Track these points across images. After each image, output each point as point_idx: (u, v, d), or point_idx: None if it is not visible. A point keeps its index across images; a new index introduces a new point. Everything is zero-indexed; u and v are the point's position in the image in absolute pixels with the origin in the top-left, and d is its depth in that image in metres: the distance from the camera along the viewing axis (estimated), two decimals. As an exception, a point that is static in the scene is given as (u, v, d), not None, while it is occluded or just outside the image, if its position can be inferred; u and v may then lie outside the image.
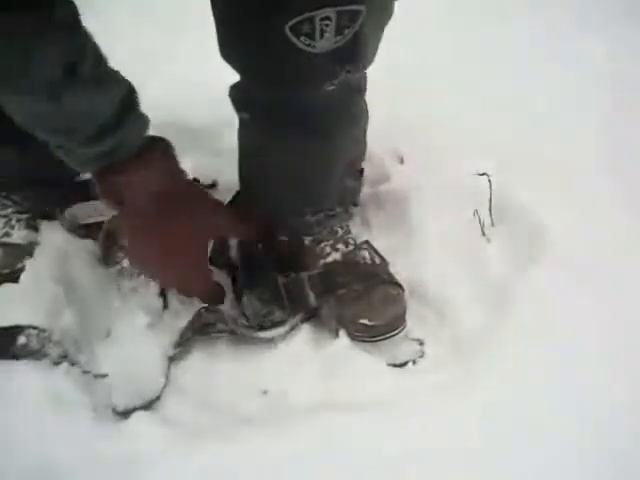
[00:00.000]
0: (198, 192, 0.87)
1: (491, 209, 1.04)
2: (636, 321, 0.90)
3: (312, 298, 0.93)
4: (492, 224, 1.05)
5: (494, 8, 1.48)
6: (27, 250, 1.01)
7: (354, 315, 0.91)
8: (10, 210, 1.03)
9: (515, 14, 1.49)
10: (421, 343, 0.94)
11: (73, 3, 0.67)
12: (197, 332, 0.90)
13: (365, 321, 0.91)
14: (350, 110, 0.91)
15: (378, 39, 0.82)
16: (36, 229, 1.04)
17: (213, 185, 1.15)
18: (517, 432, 0.80)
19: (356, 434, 0.80)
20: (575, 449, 0.79)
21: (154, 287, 0.96)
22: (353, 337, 0.92)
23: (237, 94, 0.90)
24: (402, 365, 0.91)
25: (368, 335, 0.91)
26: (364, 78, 0.90)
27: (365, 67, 0.85)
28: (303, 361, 0.91)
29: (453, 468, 0.77)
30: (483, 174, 1.02)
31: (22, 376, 0.86)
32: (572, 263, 0.97)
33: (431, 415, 0.82)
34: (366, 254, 0.97)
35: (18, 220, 1.02)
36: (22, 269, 0.97)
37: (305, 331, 0.94)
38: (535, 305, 0.93)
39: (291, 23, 0.72)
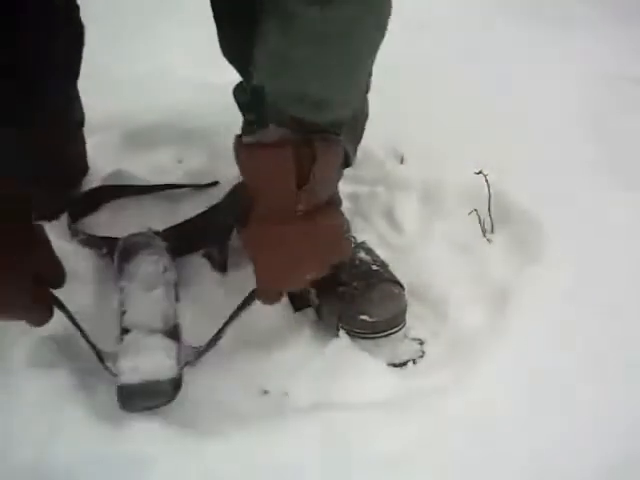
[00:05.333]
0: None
1: (490, 208, 1.04)
2: (637, 320, 0.90)
3: (313, 295, 0.94)
4: (492, 224, 1.05)
5: (494, 10, 1.48)
6: None
7: (355, 312, 0.91)
8: None
9: (515, 16, 1.49)
10: (421, 343, 0.94)
11: None
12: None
13: (366, 317, 0.91)
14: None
15: None
16: None
17: (214, 184, 1.15)
18: (517, 431, 0.80)
19: (356, 434, 0.80)
20: (576, 449, 0.79)
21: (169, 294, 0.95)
22: (353, 334, 0.92)
23: (242, 95, 0.91)
24: (402, 365, 0.91)
25: (368, 332, 0.91)
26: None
27: None
28: (303, 361, 0.91)
29: (453, 468, 0.78)
30: (479, 172, 1.02)
31: (22, 376, 0.86)
32: (572, 263, 0.97)
33: (431, 415, 0.82)
34: (367, 253, 0.97)
35: None
36: None
37: (305, 331, 0.94)
38: (535, 305, 0.93)
39: None
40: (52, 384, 0.85)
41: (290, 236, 0.78)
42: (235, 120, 0.94)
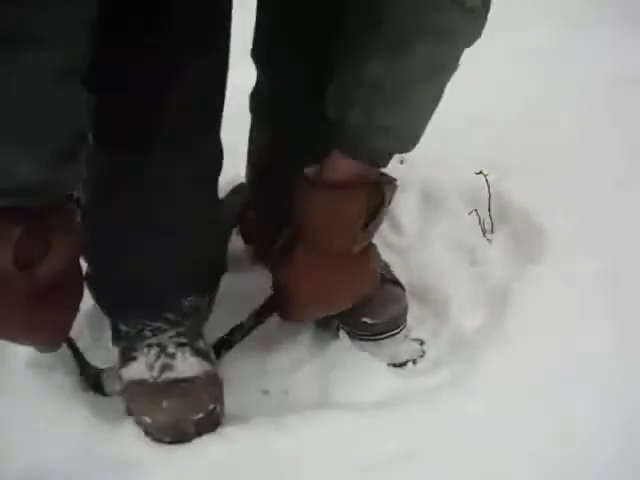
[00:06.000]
0: None
1: (490, 208, 1.04)
2: (636, 319, 0.90)
3: None
4: (492, 224, 1.05)
5: (496, 9, 1.48)
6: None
7: (356, 314, 0.91)
8: (167, 335, 0.81)
9: (517, 16, 1.49)
10: (421, 343, 0.94)
11: None
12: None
13: (367, 320, 0.91)
14: None
15: None
16: (207, 356, 0.82)
17: None
18: (517, 431, 0.80)
19: (356, 434, 0.80)
20: (575, 448, 0.79)
21: None
22: (354, 335, 0.92)
23: (263, 107, 0.90)
24: (402, 365, 0.91)
25: (369, 333, 0.91)
26: None
27: None
28: (304, 361, 0.91)
29: (453, 467, 0.78)
30: (479, 172, 1.03)
31: (22, 376, 0.86)
32: (572, 263, 0.97)
33: (431, 415, 0.82)
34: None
35: (179, 345, 0.81)
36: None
37: (305, 331, 0.94)
38: (535, 305, 0.93)
39: None
40: (52, 385, 0.85)
41: (340, 274, 0.80)
42: (235, 120, 0.93)
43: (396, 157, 1.16)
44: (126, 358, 0.81)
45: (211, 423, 0.79)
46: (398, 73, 0.67)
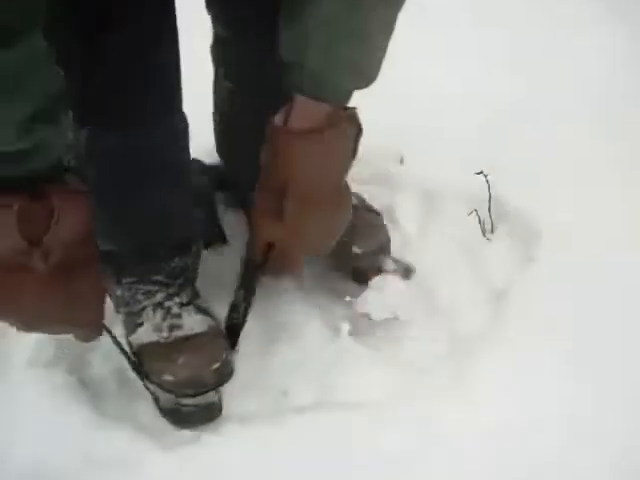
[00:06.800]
0: None
1: (490, 208, 1.04)
2: (635, 318, 0.90)
3: None
4: (492, 224, 1.05)
5: (496, 9, 1.48)
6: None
7: (345, 246, 0.91)
8: (161, 296, 0.85)
9: (517, 15, 1.49)
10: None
11: None
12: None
13: (356, 249, 0.94)
14: None
15: None
16: (208, 312, 0.86)
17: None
18: (516, 431, 0.80)
19: (356, 433, 0.81)
20: (573, 448, 0.79)
21: None
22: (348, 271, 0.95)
23: (220, 50, 0.92)
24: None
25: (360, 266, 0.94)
26: None
27: None
28: (303, 360, 0.91)
29: (452, 467, 0.78)
30: (480, 173, 1.03)
31: (22, 376, 0.86)
32: (571, 263, 0.97)
33: (431, 415, 0.82)
34: None
35: (182, 305, 0.85)
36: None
37: (305, 331, 0.94)
38: (535, 305, 0.93)
39: None
40: (52, 384, 0.86)
41: (332, 212, 0.79)
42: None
43: (396, 158, 1.18)
44: (132, 325, 0.85)
45: (227, 372, 0.82)
46: (349, 8, 0.67)
